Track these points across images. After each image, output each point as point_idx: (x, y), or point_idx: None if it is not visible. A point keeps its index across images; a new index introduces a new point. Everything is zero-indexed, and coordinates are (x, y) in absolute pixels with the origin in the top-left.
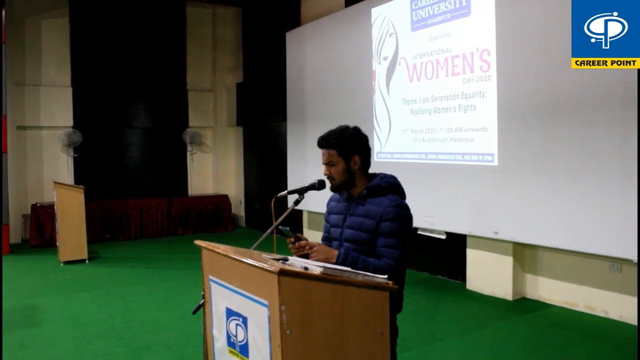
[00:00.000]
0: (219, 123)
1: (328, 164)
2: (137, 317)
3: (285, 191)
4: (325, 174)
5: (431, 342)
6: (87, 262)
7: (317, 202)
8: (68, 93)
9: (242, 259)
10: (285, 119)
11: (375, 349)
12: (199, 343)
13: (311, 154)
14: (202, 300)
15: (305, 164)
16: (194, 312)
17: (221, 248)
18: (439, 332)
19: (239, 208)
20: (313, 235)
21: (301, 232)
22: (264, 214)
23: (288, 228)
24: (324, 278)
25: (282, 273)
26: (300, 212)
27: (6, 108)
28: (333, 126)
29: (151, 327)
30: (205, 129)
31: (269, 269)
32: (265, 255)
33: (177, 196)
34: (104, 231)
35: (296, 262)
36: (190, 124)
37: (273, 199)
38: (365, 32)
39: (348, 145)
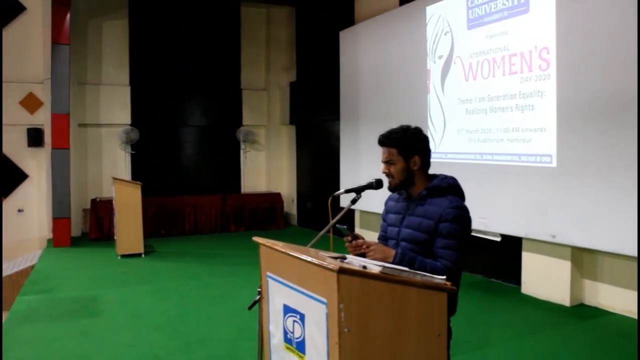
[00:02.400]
0: (272, 121)
1: (388, 162)
2: (192, 311)
3: (343, 190)
4: (383, 172)
5: (485, 346)
6: (143, 256)
7: (370, 202)
8: (126, 92)
9: (301, 257)
10: (338, 118)
11: (432, 350)
12: (252, 338)
13: (364, 153)
14: (258, 296)
15: (358, 163)
16: (250, 308)
17: (279, 245)
18: (493, 337)
19: (291, 206)
20: (365, 235)
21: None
22: (316, 212)
23: (345, 226)
24: (383, 277)
25: (342, 271)
26: (353, 211)
27: (69, 106)
28: (386, 125)
29: (205, 322)
30: (258, 127)
31: (329, 266)
32: (322, 254)
33: (230, 193)
34: (159, 226)
35: (354, 261)
36: (244, 122)
37: (330, 197)
38: (419, 30)
39: (409, 145)
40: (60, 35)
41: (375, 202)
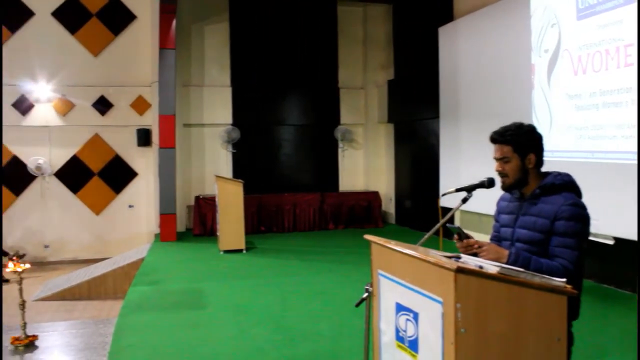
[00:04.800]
0: (370, 120)
1: (502, 159)
2: (293, 307)
3: (453, 188)
4: (497, 170)
5: (600, 356)
6: (244, 252)
7: (472, 202)
8: (228, 92)
9: (417, 255)
10: (437, 116)
11: (551, 355)
12: (354, 335)
13: (465, 152)
14: (366, 294)
15: (459, 162)
16: (357, 305)
17: (392, 243)
18: (609, 346)
19: (389, 205)
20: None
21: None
22: (415, 211)
23: (457, 225)
24: (501, 278)
25: (459, 270)
26: (449, 210)
27: (175, 107)
28: (489, 123)
29: (307, 317)
30: (356, 126)
31: (446, 265)
32: (434, 253)
33: (328, 191)
34: (260, 223)
35: (470, 261)
36: (342, 121)
37: (440, 196)
38: (523, 24)
39: (524, 143)
40: (167, 40)
41: (474, 201)
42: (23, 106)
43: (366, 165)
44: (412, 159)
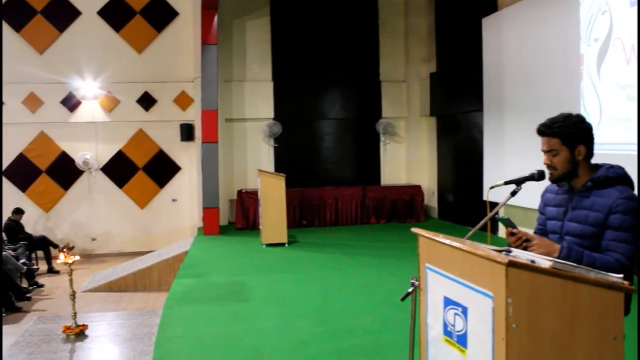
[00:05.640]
0: (412, 113)
1: (550, 152)
2: (336, 300)
3: (502, 181)
4: (545, 163)
5: None
6: (286, 245)
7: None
8: (269, 87)
9: (466, 249)
10: (481, 109)
11: (606, 354)
12: (397, 329)
13: (509, 145)
14: (412, 288)
15: (503, 156)
16: (403, 299)
17: (440, 236)
18: None
19: (431, 199)
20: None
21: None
22: (458, 205)
23: (508, 218)
24: (554, 272)
25: (511, 264)
26: (494, 204)
27: (217, 102)
28: (534, 116)
29: (349, 311)
30: (398, 119)
31: (497, 259)
32: (483, 246)
33: (370, 185)
34: (302, 217)
35: (521, 255)
36: (384, 114)
37: (489, 189)
38: (571, 12)
39: (573, 134)
40: (209, 36)
41: (518, 195)
42: (71, 103)
43: (408, 158)
44: (455, 152)
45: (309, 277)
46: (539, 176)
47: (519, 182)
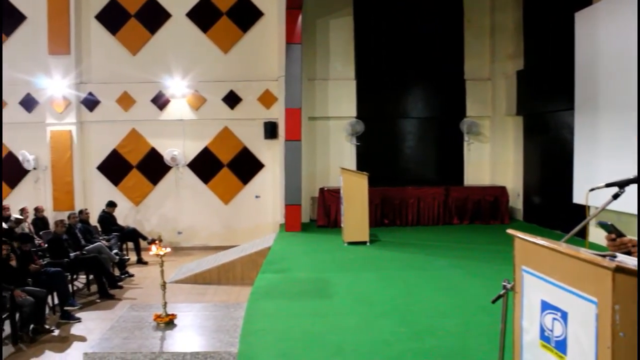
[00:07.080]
0: (497, 112)
1: None
2: (418, 300)
3: (603, 184)
4: None
5: None
6: (368, 244)
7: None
8: (352, 86)
9: (568, 252)
10: (572, 108)
11: None
12: (482, 333)
13: (603, 146)
14: (504, 290)
15: (596, 157)
16: (494, 301)
17: (539, 238)
18: None
19: (516, 200)
20: (600, 235)
21: (586, 231)
22: (545, 208)
23: (610, 223)
24: None
25: (618, 270)
26: (583, 207)
27: (301, 101)
28: (632, 116)
29: (432, 312)
30: (482, 118)
31: (603, 264)
32: (584, 250)
33: (453, 185)
34: (383, 216)
35: (627, 260)
36: (468, 113)
37: (588, 191)
38: None
39: None
40: (293, 35)
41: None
42: (160, 102)
43: (492, 159)
44: (543, 153)
45: (391, 277)
46: None
47: (622, 184)
